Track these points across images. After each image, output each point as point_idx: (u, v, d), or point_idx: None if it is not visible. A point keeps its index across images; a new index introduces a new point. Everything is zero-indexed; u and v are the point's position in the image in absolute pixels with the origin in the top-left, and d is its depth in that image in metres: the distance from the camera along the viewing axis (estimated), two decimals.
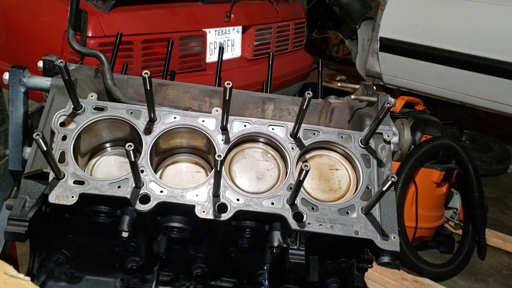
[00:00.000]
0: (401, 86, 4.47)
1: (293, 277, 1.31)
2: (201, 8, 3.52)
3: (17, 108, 1.22)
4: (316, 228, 1.06)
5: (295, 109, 1.45)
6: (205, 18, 3.49)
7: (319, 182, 1.18)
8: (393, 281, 3.10)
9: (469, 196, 3.40)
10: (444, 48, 3.95)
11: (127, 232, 1.06)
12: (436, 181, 3.32)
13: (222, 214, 1.05)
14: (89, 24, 2.86)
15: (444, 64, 3.99)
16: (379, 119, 1.11)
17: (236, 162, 1.18)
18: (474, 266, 3.60)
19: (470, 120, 5.74)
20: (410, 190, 3.27)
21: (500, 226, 4.16)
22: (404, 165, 3.15)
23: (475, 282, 3.46)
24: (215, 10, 3.59)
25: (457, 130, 4.48)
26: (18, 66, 1.22)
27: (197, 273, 1.29)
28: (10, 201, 1.18)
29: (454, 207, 3.76)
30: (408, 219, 3.25)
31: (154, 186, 1.07)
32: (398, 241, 1.08)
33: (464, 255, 3.42)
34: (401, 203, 3.14)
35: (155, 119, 1.15)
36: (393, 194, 1.14)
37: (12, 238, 1.00)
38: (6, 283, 0.82)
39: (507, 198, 4.71)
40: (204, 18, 3.49)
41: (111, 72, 1.33)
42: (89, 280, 1.30)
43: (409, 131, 1.25)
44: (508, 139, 5.40)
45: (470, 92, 3.97)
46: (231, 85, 1.03)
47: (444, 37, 3.95)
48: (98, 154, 1.23)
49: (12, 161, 1.23)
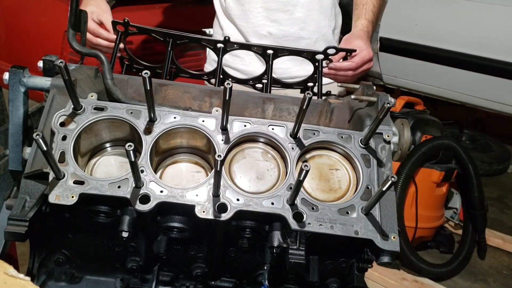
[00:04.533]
0: (401, 86, 4.46)
1: (293, 277, 1.31)
2: (201, 8, 3.52)
3: (17, 108, 1.22)
4: (316, 228, 1.06)
5: (295, 109, 1.45)
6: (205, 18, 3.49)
7: (319, 182, 1.18)
8: (393, 281, 3.11)
9: (469, 196, 3.40)
10: (444, 48, 3.95)
11: (127, 232, 1.06)
12: (436, 181, 3.32)
13: (222, 214, 1.05)
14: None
15: (444, 64, 3.99)
16: (379, 119, 1.11)
17: (236, 162, 1.18)
18: (474, 266, 3.60)
19: (470, 120, 5.73)
20: (410, 190, 3.28)
21: (500, 226, 4.16)
22: (404, 165, 3.15)
23: (475, 282, 3.46)
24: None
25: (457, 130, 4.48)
26: (18, 66, 1.22)
27: (197, 273, 1.29)
28: (10, 201, 1.18)
29: (454, 207, 3.76)
30: (408, 219, 3.25)
31: (154, 186, 1.07)
32: (398, 241, 1.08)
33: (464, 255, 3.42)
34: (401, 203, 3.15)
35: (155, 119, 1.15)
36: (393, 194, 1.14)
37: (12, 238, 1.00)
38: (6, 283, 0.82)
39: (507, 198, 4.71)
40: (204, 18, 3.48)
41: (111, 72, 1.33)
42: (89, 280, 1.30)
43: (409, 131, 1.25)
44: (508, 139, 5.40)
45: (470, 92, 3.97)
46: (231, 85, 1.03)
47: (444, 37, 3.95)
48: (98, 154, 1.23)
49: (12, 161, 1.23)
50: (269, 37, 1.98)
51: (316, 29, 2.00)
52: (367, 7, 1.84)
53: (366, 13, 1.83)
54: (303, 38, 1.99)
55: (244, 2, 1.96)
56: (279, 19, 1.95)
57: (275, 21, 1.95)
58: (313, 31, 2.00)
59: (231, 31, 2.05)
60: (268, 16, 1.95)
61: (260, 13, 1.95)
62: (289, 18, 1.95)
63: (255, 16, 1.96)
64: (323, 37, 2.02)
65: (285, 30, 1.97)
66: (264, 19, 1.96)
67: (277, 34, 1.97)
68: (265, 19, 1.96)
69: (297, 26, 1.97)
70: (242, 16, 1.99)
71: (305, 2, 1.94)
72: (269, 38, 1.98)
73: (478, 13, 3.77)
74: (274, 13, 1.94)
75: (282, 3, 1.93)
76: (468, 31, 3.84)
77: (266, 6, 1.94)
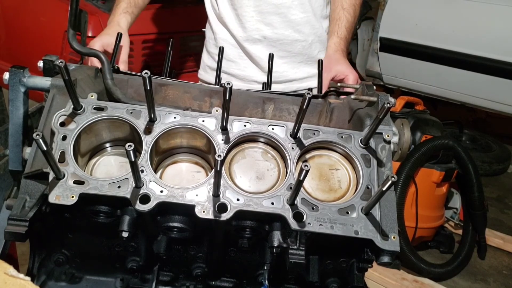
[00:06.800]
0: (401, 86, 4.47)
1: (293, 277, 1.31)
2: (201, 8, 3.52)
3: (17, 108, 1.22)
4: (316, 228, 1.06)
5: (295, 109, 1.45)
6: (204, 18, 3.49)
7: (319, 182, 1.18)
8: (393, 281, 3.11)
9: (469, 196, 3.40)
10: (444, 48, 3.95)
11: (127, 232, 1.06)
12: (436, 181, 3.32)
13: (222, 214, 1.05)
14: (89, 24, 2.86)
15: (444, 64, 4.00)
16: (379, 119, 1.11)
17: (236, 162, 1.18)
18: (474, 266, 3.60)
19: (470, 120, 5.74)
20: (410, 190, 3.28)
21: (500, 226, 4.17)
22: (404, 165, 3.15)
23: (475, 282, 3.47)
24: None
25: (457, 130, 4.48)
26: (18, 66, 1.22)
27: (197, 273, 1.29)
28: (10, 201, 1.18)
29: (454, 207, 3.76)
30: (408, 219, 3.25)
31: (154, 186, 1.07)
32: (398, 241, 1.08)
33: (464, 255, 3.42)
34: (401, 203, 3.15)
35: (155, 119, 1.15)
36: (393, 194, 1.13)
37: (12, 238, 1.00)
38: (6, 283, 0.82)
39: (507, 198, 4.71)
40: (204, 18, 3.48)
41: (111, 72, 1.33)
42: (89, 280, 1.30)
43: (409, 131, 1.25)
44: (508, 139, 5.40)
45: (470, 92, 3.97)
46: (231, 85, 1.03)
47: (444, 37, 3.95)
48: (98, 154, 1.23)
49: (12, 161, 1.23)
50: (263, 41, 1.96)
51: (312, 31, 1.98)
52: (339, 24, 1.82)
53: (338, 30, 1.81)
54: (299, 41, 1.98)
55: (237, 6, 1.94)
56: (273, 22, 1.93)
57: (269, 25, 1.93)
58: (309, 33, 1.98)
59: (224, 35, 2.02)
60: (262, 20, 1.93)
61: (253, 17, 1.93)
62: (283, 20, 1.93)
63: (248, 21, 1.93)
64: (318, 39, 2.01)
65: (280, 33, 1.95)
66: (257, 23, 1.94)
67: (271, 37, 1.95)
68: (258, 22, 1.94)
69: (291, 28, 1.95)
70: (236, 21, 1.97)
71: (299, 4, 1.91)
72: (263, 42, 1.96)
73: (478, 13, 3.77)
74: (267, 16, 1.92)
75: (275, 6, 1.90)
76: (468, 31, 3.84)
77: (259, 9, 1.91)
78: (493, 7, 3.70)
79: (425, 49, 4.07)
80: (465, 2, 3.82)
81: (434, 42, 4.00)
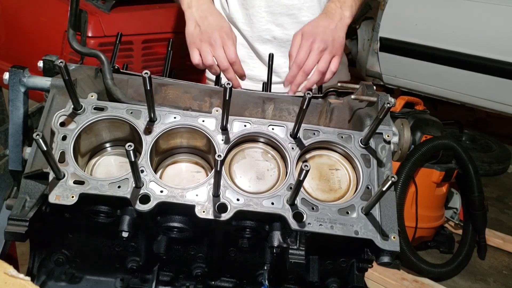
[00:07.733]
0: (401, 86, 4.46)
1: (293, 277, 1.31)
2: None
3: (17, 108, 1.22)
4: (316, 228, 1.06)
5: (295, 109, 1.45)
6: None
7: (319, 182, 1.18)
8: (393, 281, 3.11)
9: (469, 196, 3.40)
10: (444, 48, 3.95)
11: (127, 232, 1.06)
12: (436, 181, 3.32)
13: (222, 214, 1.05)
14: (89, 24, 2.86)
15: (444, 64, 3.99)
16: (379, 119, 1.11)
17: (236, 162, 1.18)
18: (474, 266, 3.60)
19: (470, 120, 5.74)
20: (410, 190, 3.28)
21: (500, 226, 4.17)
22: (404, 165, 3.15)
23: (475, 282, 3.47)
24: None
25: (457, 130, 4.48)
26: (18, 66, 1.22)
27: (197, 273, 1.29)
28: (10, 201, 1.18)
29: (454, 207, 3.76)
30: (408, 219, 3.25)
31: (154, 186, 1.07)
32: (398, 241, 1.08)
33: (464, 255, 3.42)
34: (401, 203, 3.15)
35: (155, 119, 1.15)
36: (393, 194, 1.13)
37: (12, 238, 1.00)
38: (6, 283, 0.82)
39: (507, 198, 4.71)
40: None
41: (111, 72, 1.33)
42: (89, 280, 1.30)
43: (409, 131, 1.25)
44: (508, 139, 5.40)
45: (470, 92, 3.97)
46: (231, 85, 1.03)
47: (444, 37, 3.95)
48: (98, 154, 1.23)
49: (12, 161, 1.23)
50: (273, 41, 1.97)
51: None
52: None
53: None
54: None
55: (248, 6, 1.95)
56: (284, 23, 1.94)
57: (279, 25, 1.94)
58: None
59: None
60: (273, 21, 1.94)
61: (264, 18, 1.94)
62: (294, 22, 1.94)
63: (259, 21, 1.95)
64: None
65: (290, 34, 1.94)
66: (268, 24, 1.95)
67: (281, 38, 1.96)
68: (269, 23, 1.95)
69: None
70: (246, 21, 1.98)
71: (310, 5, 1.92)
72: (273, 43, 1.97)
73: (478, 13, 3.77)
74: (278, 17, 1.93)
75: (286, 7, 1.91)
76: (468, 31, 3.84)
77: (270, 10, 1.92)
78: (493, 7, 3.70)
79: (425, 49, 4.07)
80: (465, 2, 3.82)
81: (434, 42, 4.00)
